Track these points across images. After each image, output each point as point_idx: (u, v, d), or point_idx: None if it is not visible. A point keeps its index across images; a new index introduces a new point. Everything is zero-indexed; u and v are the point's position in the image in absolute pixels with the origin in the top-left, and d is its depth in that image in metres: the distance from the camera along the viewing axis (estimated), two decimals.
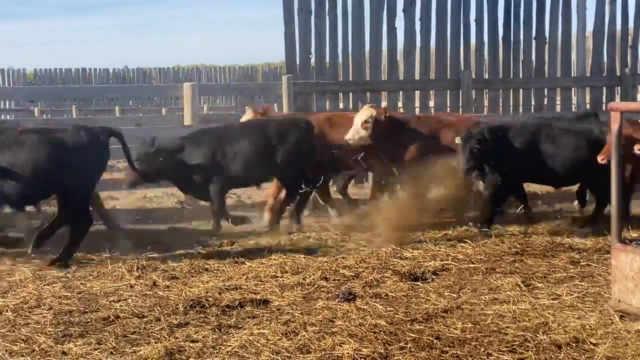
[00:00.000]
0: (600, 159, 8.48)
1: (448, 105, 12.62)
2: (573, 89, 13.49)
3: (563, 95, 13.43)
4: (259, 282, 6.94)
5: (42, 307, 6.30)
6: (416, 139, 9.75)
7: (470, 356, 5.06)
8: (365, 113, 9.61)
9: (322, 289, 6.73)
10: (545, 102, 13.18)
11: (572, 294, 6.38)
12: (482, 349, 5.16)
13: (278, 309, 6.16)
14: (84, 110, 28.66)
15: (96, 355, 5.17)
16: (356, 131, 9.53)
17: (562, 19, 13.04)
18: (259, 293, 6.59)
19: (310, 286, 6.80)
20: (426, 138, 9.77)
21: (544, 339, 5.28)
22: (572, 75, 13.38)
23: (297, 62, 11.97)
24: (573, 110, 12.90)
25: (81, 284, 7.02)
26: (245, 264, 7.60)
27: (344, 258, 7.76)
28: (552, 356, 5.03)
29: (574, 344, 5.20)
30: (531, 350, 5.11)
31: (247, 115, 10.50)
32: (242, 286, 6.82)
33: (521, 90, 13.11)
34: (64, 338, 5.52)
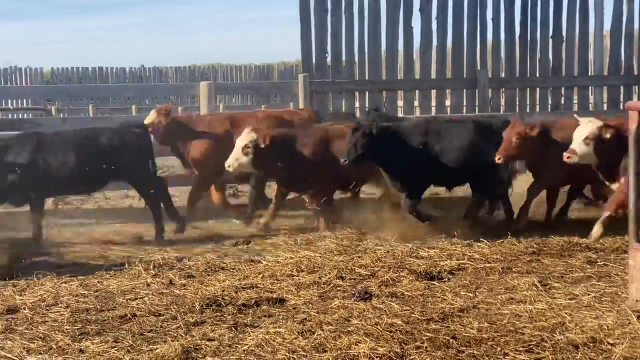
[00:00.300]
0: (497, 158, 8.43)
1: (464, 104, 12.60)
2: (590, 87, 13.45)
3: (580, 94, 13.37)
4: (275, 281, 6.94)
5: (60, 305, 6.33)
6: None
7: (487, 356, 5.04)
8: (245, 137, 8.95)
9: (338, 288, 6.72)
10: (562, 102, 13.12)
11: (589, 294, 6.34)
12: (499, 349, 5.14)
13: (294, 308, 6.16)
14: (101, 109, 28.81)
15: (113, 353, 5.19)
16: (236, 157, 8.91)
17: (579, 18, 12.99)
18: (275, 292, 6.59)
19: (326, 285, 6.79)
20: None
21: (561, 339, 5.25)
22: (590, 74, 13.33)
23: (313, 60, 11.99)
24: (590, 109, 12.84)
25: (98, 282, 7.05)
26: (261, 262, 7.61)
27: (359, 257, 7.75)
28: (569, 356, 5.00)
29: (591, 344, 5.17)
30: (548, 350, 5.09)
31: (151, 117, 9.76)
32: (258, 285, 6.82)
33: (538, 89, 13.07)
34: (81, 336, 5.55)
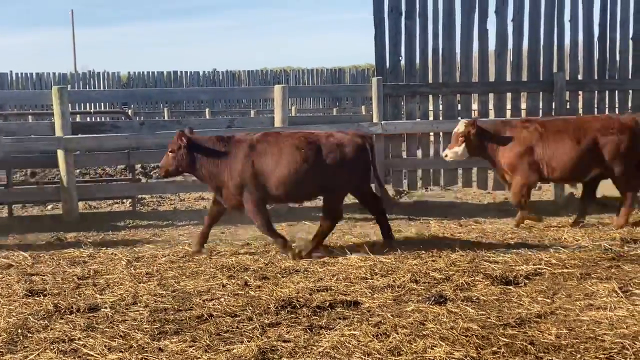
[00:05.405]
0: None
1: (540, 107, 12.39)
2: None
3: None
4: (349, 284, 6.96)
5: (139, 304, 6.46)
6: None
7: None
8: None
9: (413, 292, 6.70)
10: None
11: None
12: (578, 356, 5.06)
13: (368, 311, 6.16)
14: (175, 112, 29.34)
15: (191, 352, 5.27)
16: None
17: None
18: (349, 294, 6.61)
19: (401, 288, 6.78)
20: None
21: None
22: None
23: (387, 63, 11.94)
24: None
25: (175, 282, 7.17)
26: (335, 265, 7.63)
27: (434, 261, 7.71)
28: None
29: None
30: (629, 358, 4.99)
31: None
32: (333, 287, 6.85)
33: (617, 91, 12.75)
34: (159, 335, 5.64)
